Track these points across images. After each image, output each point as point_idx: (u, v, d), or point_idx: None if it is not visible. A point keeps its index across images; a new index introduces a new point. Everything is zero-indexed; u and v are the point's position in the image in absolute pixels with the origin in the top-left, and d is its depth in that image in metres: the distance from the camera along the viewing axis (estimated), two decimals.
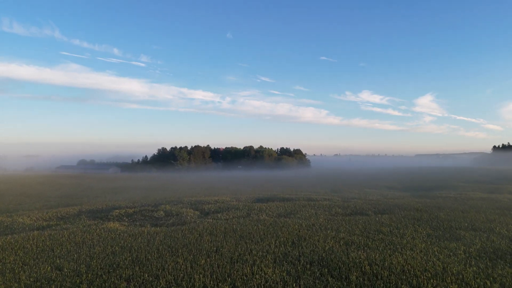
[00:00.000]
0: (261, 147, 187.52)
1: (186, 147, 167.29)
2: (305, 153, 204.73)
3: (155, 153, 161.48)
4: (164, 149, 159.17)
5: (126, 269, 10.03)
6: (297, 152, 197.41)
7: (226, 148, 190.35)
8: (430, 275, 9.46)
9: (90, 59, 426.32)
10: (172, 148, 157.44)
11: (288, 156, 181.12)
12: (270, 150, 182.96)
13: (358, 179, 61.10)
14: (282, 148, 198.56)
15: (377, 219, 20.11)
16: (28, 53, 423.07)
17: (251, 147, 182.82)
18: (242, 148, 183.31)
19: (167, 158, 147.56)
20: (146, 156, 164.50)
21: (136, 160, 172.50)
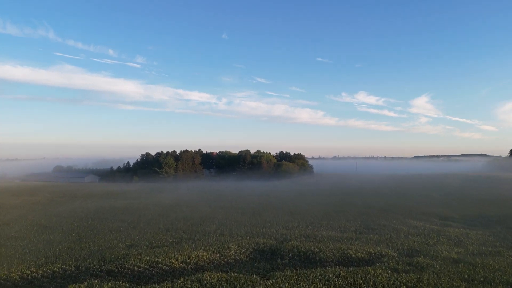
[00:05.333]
0: (258, 151, 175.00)
1: (174, 151, 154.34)
2: (304, 155, 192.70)
3: (138, 159, 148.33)
4: (148, 155, 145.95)
5: None
6: (298, 157, 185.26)
7: (219, 152, 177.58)
8: None
9: (85, 60, 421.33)
10: (157, 153, 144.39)
11: (289, 161, 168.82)
12: (268, 155, 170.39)
13: (388, 201, 49.03)
14: (281, 153, 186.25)
15: None
16: (22, 54, 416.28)
17: (247, 151, 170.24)
18: (237, 152, 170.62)
19: (151, 164, 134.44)
20: (128, 163, 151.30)
21: (119, 166, 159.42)
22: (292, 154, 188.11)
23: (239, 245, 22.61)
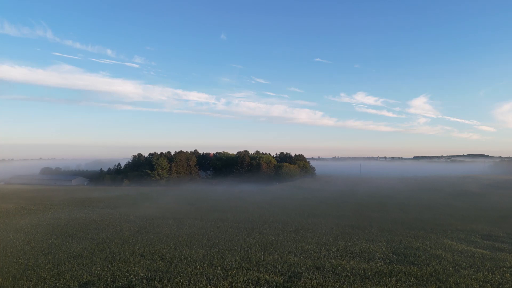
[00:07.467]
0: (257, 152, 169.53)
1: (168, 152, 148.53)
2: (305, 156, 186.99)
3: (130, 160, 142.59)
4: (140, 156, 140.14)
5: None
6: (299, 158, 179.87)
7: (216, 153, 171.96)
8: None
9: (83, 60, 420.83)
10: (150, 154, 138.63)
11: (290, 163, 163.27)
12: (268, 156, 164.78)
13: (409, 212, 43.39)
14: (281, 154, 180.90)
15: None
16: (20, 54, 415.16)
17: (245, 152, 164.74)
18: (235, 153, 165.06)
19: (143, 166, 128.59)
20: (119, 164, 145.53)
21: (109, 168, 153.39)
22: (293, 155, 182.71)
23: (232, 284, 16.85)
